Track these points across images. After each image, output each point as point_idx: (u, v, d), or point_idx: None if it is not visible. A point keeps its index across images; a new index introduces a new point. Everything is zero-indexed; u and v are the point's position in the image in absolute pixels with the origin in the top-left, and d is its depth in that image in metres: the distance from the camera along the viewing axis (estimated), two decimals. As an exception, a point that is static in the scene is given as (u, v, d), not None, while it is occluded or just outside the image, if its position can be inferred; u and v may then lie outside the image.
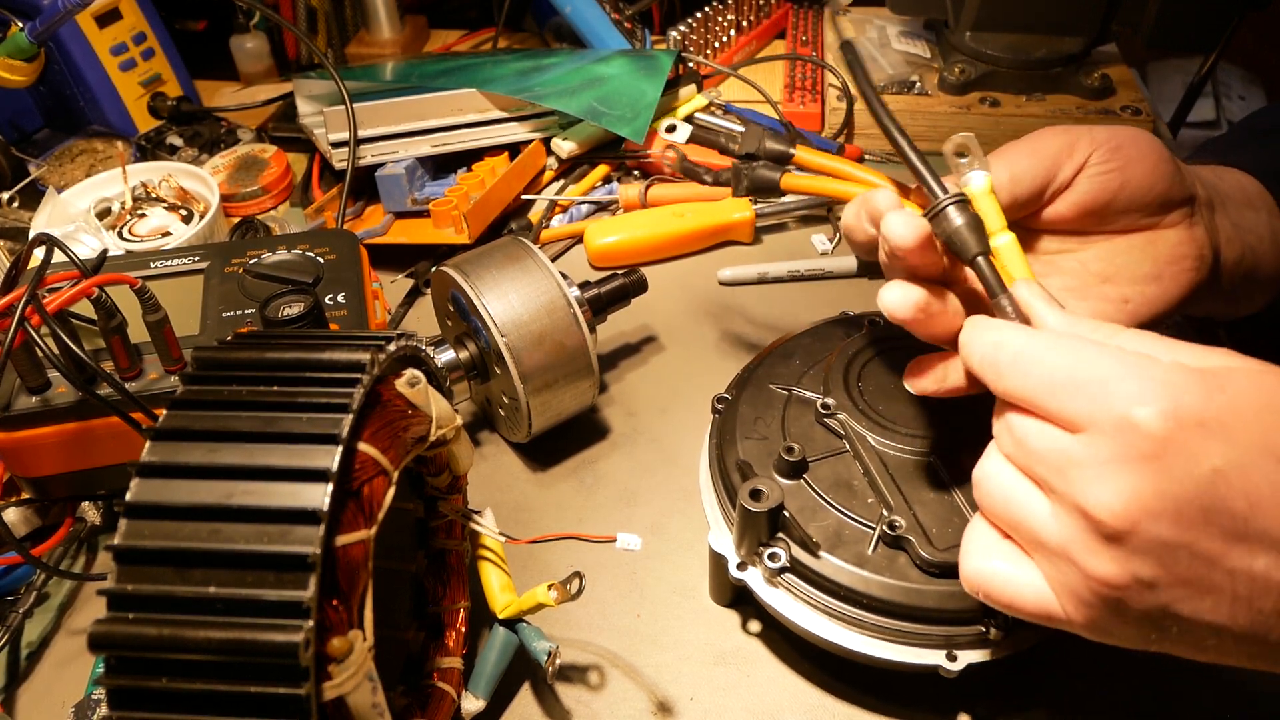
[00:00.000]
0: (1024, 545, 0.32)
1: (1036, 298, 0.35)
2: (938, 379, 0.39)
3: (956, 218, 0.36)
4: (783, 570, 0.41)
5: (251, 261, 0.55)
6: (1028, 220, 0.43)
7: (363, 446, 0.33)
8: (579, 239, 0.73)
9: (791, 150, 0.48)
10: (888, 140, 0.40)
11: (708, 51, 0.92)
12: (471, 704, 0.42)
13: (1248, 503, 0.27)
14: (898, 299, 0.36)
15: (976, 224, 0.37)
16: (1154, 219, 0.42)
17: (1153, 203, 0.41)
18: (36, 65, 0.74)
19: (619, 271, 0.58)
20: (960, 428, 0.44)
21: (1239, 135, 0.57)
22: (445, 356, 0.53)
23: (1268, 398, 0.28)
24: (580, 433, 0.58)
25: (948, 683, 0.39)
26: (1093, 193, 0.41)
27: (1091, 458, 0.29)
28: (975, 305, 0.38)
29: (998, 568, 0.32)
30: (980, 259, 0.36)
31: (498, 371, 0.52)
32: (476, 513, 0.45)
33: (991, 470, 0.33)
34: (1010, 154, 0.41)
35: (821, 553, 0.41)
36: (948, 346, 0.38)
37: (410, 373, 0.37)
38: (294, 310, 0.48)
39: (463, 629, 0.44)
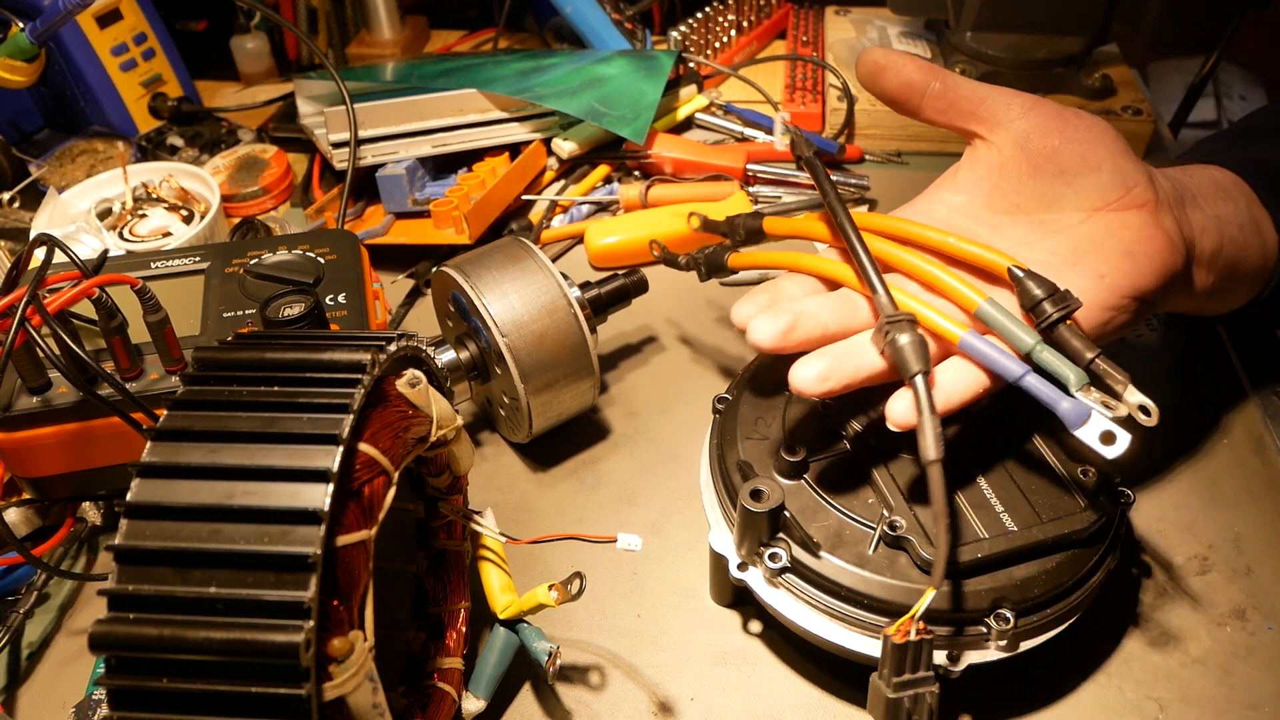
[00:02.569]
0: None
1: None
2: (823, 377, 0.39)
3: (901, 337, 0.38)
4: (783, 570, 0.41)
5: (252, 262, 0.55)
6: (991, 200, 0.44)
7: (363, 447, 0.33)
8: (579, 239, 0.73)
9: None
10: (848, 248, 0.43)
11: (708, 52, 0.92)
12: (472, 704, 0.42)
13: None
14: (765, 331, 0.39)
15: (920, 345, 0.38)
16: (1114, 194, 0.42)
17: (1102, 165, 0.42)
18: (37, 66, 0.74)
19: (619, 272, 0.58)
20: (961, 428, 0.44)
21: (1223, 137, 0.57)
22: (446, 357, 0.53)
23: None
24: (581, 433, 0.58)
25: (950, 683, 0.39)
26: (1033, 136, 0.43)
27: None
28: None
29: None
30: (918, 379, 0.37)
31: (498, 372, 0.52)
32: (477, 513, 0.45)
33: None
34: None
35: (822, 553, 0.41)
36: None
37: (411, 373, 0.37)
38: (294, 311, 0.48)
39: (463, 629, 0.44)
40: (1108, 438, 0.36)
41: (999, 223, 0.44)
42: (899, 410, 0.38)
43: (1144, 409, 0.37)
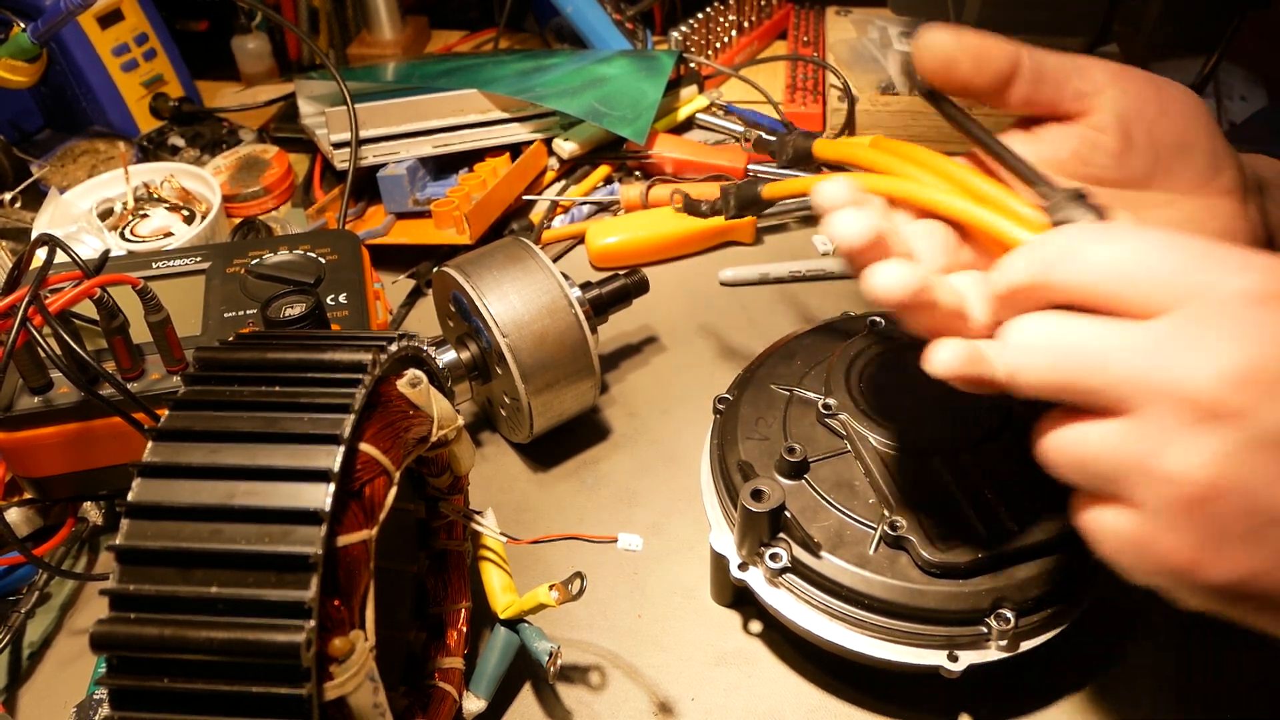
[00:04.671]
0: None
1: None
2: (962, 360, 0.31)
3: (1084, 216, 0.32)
4: (784, 571, 0.41)
5: (253, 262, 0.55)
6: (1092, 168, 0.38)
7: (364, 447, 0.33)
8: (580, 239, 0.73)
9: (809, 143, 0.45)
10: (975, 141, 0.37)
11: (709, 52, 0.92)
12: (473, 704, 0.42)
13: None
14: (890, 280, 0.31)
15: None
16: (1205, 177, 0.38)
17: (1197, 144, 0.38)
18: (38, 66, 0.74)
19: (620, 272, 0.58)
20: (962, 428, 0.44)
21: (1261, 130, 0.53)
22: (447, 357, 0.53)
23: None
24: (581, 433, 0.58)
25: (949, 683, 0.39)
26: (1128, 108, 0.37)
27: (1184, 333, 0.26)
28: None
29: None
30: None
31: (499, 372, 0.52)
32: (478, 513, 0.45)
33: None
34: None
35: (823, 553, 0.41)
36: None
37: (412, 373, 0.38)
38: (295, 311, 0.48)
39: (464, 629, 0.44)
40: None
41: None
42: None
43: None
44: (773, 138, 0.48)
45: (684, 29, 0.92)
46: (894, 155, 0.38)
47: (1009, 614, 0.39)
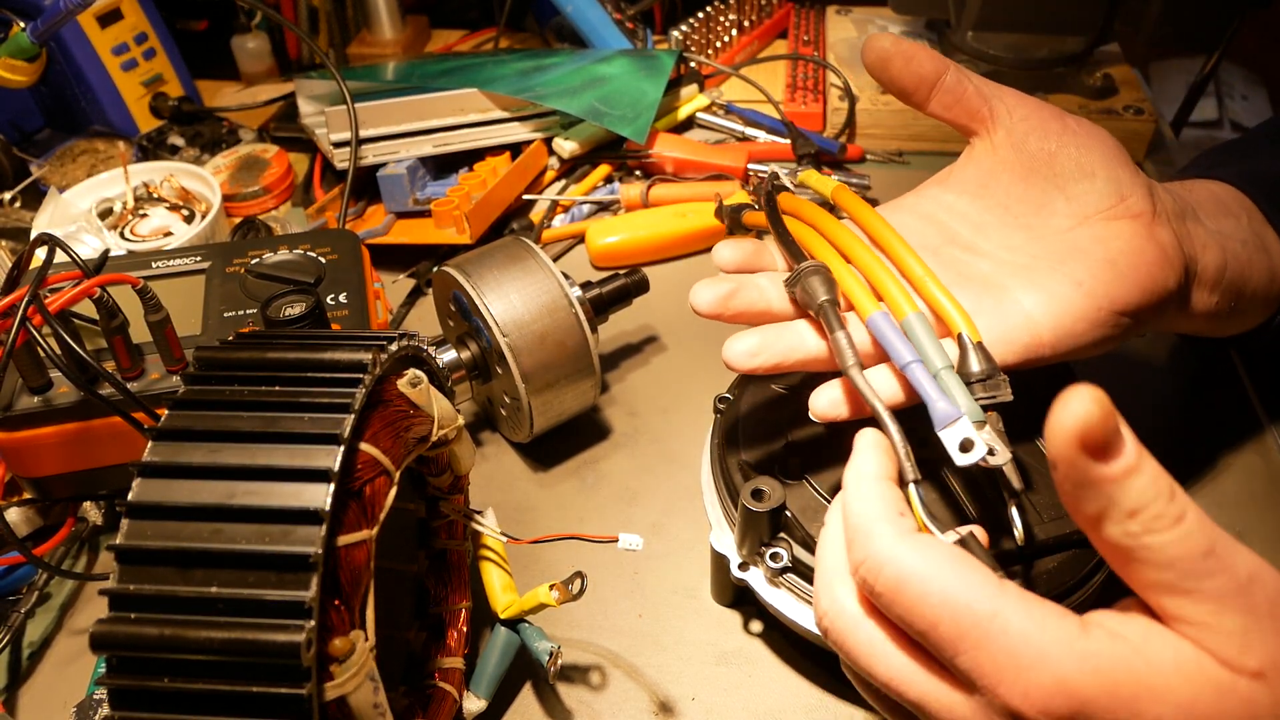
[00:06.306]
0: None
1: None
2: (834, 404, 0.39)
3: (812, 278, 0.38)
4: (784, 570, 0.41)
5: (253, 261, 0.55)
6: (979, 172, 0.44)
7: (364, 446, 0.33)
8: (581, 239, 0.73)
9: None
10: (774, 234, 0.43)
11: (709, 51, 0.92)
12: (473, 704, 0.42)
13: None
14: (707, 298, 0.40)
15: (829, 281, 0.38)
16: (1107, 202, 0.41)
17: (1096, 173, 0.41)
18: (38, 65, 0.74)
19: (620, 271, 0.58)
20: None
21: (1222, 150, 0.56)
22: (447, 356, 0.53)
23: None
24: (582, 433, 0.58)
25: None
26: (1029, 133, 0.42)
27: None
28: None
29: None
30: (825, 303, 0.38)
31: (499, 371, 0.52)
32: (478, 512, 0.45)
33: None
34: None
35: (823, 553, 0.41)
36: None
37: (412, 373, 0.37)
38: (295, 310, 0.48)
39: (464, 629, 0.44)
40: (966, 445, 0.35)
41: (986, 223, 0.43)
42: (821, 403, 0.39)
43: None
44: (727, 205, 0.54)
45: (684, 28, 0.92)
46: (795, 218, 0.44)
47: (1010, 614, 0.39)
